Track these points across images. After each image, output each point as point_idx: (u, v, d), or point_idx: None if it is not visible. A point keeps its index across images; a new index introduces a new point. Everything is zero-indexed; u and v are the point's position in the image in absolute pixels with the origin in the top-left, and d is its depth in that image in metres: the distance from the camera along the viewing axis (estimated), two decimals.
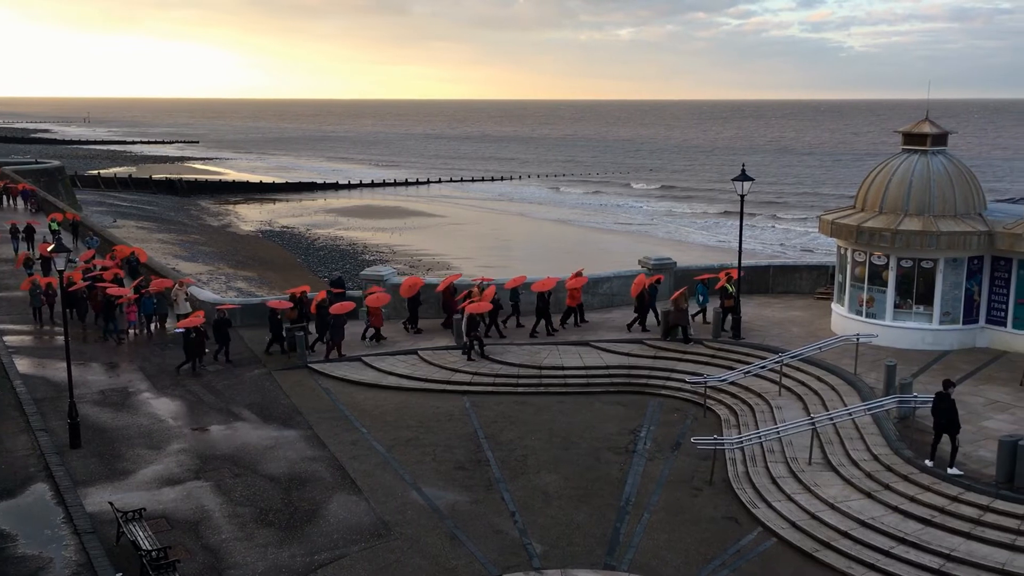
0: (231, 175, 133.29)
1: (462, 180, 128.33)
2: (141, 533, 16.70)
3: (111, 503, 18.26)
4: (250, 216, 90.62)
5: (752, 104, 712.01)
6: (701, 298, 30.17)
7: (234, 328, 30.20)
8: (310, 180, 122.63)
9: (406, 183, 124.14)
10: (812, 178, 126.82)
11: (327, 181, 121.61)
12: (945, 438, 18.64)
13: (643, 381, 26.51)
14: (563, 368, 27.06)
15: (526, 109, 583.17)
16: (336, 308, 28.98)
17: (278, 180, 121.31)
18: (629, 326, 29.85)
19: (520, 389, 26.25)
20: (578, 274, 31.28)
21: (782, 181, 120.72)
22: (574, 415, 24.31)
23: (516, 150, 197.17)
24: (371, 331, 29.93)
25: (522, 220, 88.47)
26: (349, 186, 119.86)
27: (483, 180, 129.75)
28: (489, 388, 26.33)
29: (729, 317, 28.22)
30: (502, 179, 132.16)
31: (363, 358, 28.56)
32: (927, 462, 18.77)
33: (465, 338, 28.25)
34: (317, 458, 21.57)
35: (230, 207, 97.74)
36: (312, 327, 30.07)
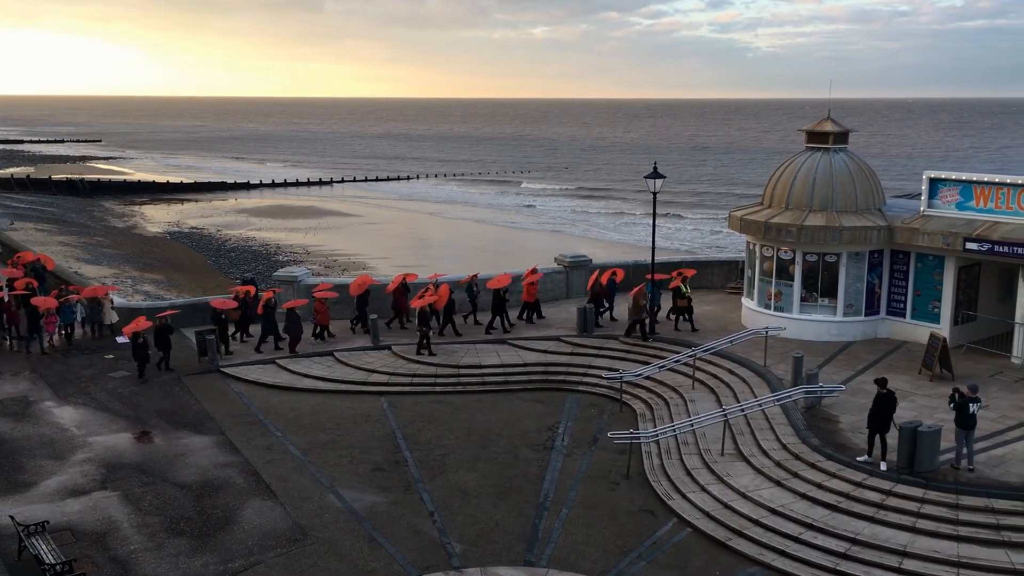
0: (136, 175, 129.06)
1: (376, 179, 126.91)
2: (44, 547, 16.10)
3: (12, 516, 17.55)
4: (157, 217, 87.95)
5: (665, 103, 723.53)
6: (649, 296, 30.55)
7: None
8: (220, 180, 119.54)
9: (319, 183, 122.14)
10: (726, 177, 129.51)
11: (238, 181, 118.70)
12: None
13: (560, 378, 26.73)
14: (481, 367, 27.07)
15: (442, 108, 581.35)
16: (291, 303, 28.96)
17: (186, 180, 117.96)
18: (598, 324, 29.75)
19: (438, 389, 26.16)
20: (533, 271, 31.58)
21: (697, 179, 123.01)
22: (492, 413, 24.34)
23: (432, 149, 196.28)
24: (318, 329, 29.66)
25: (438, 219, 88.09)
26: (261, 186, 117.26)
27: (398, 179, 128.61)
28: (407, 388, 26.17)
29: (683, 316, 28.73)
30: (417, 177, 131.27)
31: (277, 361, 28.08)
32: (881, 466, 18.50)
33: (418, 332, 28.07)
34: (230, 464, 21.10)
35: (136, 208, 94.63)
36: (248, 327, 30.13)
